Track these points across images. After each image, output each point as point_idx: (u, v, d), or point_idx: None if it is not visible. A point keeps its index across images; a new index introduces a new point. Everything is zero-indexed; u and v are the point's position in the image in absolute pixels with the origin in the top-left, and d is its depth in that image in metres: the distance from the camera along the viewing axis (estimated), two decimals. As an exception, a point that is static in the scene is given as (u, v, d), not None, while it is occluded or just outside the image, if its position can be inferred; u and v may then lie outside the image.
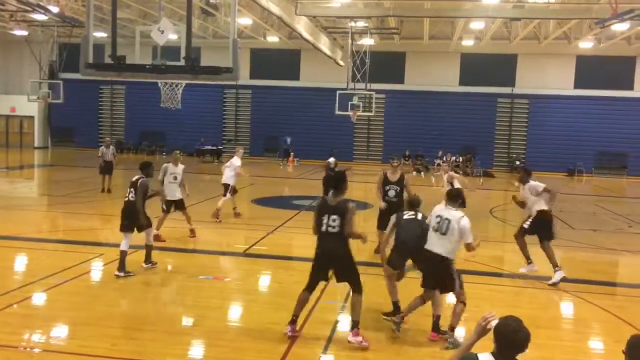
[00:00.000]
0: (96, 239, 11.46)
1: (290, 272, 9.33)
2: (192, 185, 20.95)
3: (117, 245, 10.38)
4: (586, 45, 28.04)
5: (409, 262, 7.22)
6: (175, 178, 11.41)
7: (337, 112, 25.41)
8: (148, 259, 9.01)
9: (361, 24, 24.79)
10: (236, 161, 13.74)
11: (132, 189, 8.71)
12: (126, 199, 8.73)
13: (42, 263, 9.30)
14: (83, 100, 34.20)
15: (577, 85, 31.05)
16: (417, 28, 28.56)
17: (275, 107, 33.25)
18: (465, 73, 31.82)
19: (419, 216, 7.21)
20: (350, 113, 25.49)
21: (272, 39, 29.95)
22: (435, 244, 6.61)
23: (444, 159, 27.93)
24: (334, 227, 6.27)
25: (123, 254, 8.45)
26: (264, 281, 9.14)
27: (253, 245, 11.14)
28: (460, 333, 6.57)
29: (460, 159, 28.83)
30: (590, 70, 30.57)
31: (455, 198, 6.78)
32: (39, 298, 7.60)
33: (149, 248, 9.02)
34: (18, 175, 21.55)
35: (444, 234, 6.56)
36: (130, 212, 8.59)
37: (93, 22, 7.14)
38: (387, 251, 7.27)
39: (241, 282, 8.69)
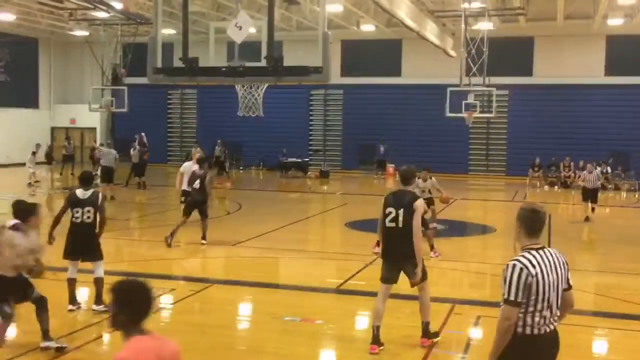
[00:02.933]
0: (168, 270, 11.88)
1: (395, 314, 9.21)
2: (273, 206, 21.54)
3: (191, 279, 10.74)
4: None
5: None
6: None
7: (449, 114, 25.08)
8: (100, 299, 8.63)
9: (477, 4, 24.40)
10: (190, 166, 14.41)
11: (88, 208, 8.49)
12: (78, 220, 8.48)
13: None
14: (150, 108, 35.91)
15: None
16: (549, 6, 27.67)
17: (372, 110, 33.30)
18: (613, 60, 30.46)
19: None
20: (464, 115, 25.08)
21: (368, 27, 30.10)
22: None
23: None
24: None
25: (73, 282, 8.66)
26: (363, 324, 9.05)
27: (349, 279, 11.12)
28: None
29: (609, 169, 27.50)
30: None
31: None
32: (103, 340, 7.93)
33: (101, 283, 8.65)
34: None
35: None
36: (87, 236, 8.57)
37: (161, 19, 7.47)
38: None
39: (335, 326, 8.66)
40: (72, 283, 8.71)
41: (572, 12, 28.59)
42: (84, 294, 9.34)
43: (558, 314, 4.43)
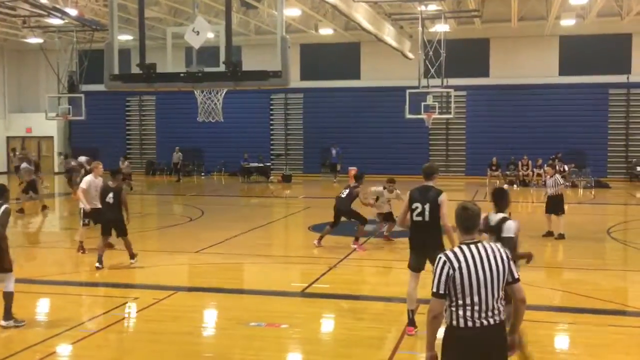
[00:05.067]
0: (130, 279, 11.73)
1: (358, 315, 9.24)
2: (236, 212, 21.45)
3: (154, 287, 10.61)
4: None
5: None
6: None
7: (408, 116, 25.28)
8: (9, 314, 8.39)
9: (433, 7, 24.67)
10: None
11: None
12: None
13: (67, 311, 9.56)
14: (108, 116, 35.45)
15: None
16: (503, 8, 28.15)
17: (333, 113, 33.40)
18: (567, 60, 31.08)
19: None
20: (424, 116, 25.30)
21: (326, 31, 30.21)
22: None
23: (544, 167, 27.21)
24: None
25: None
26: (328, 327, 9.07)
27: (313, 282, 11.12)
28: None
29: (565, 167, 28.05)
30: None
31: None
32: (64, 353, 7.79)
33: (10, 298, 8.38)
34: (36, 207, 22.36)
35: None
36: None
37: (118, 25, 7.38)
38: None
39: (300, 329, 8.66)
40: None
41: (526, 14, 29.12)
42: None
43: (500, 308, 4.52)
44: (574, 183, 27.86)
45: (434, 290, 4.51)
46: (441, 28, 26.17)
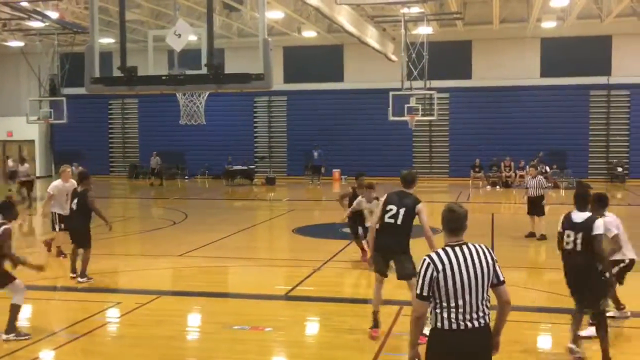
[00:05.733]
0: (112, 284, 11.65)
1: (342, 318, 9.24)
2: (220, 215, 21.37)
3: (137, 291, 10.54)
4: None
5: None
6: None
7: (392, 118, 25.34)
8: (11, 327, 8.08)
9: (416, 9, 24.74)
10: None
11: None
12: None
13: (49, 316, 9.48)
14: (90, 119, 35.21)
15: (691, 69, 30.16)
16: (485, 10, 28.34)
17: (316, 116, 33.42)
18: (548, 62, 31.31)
19: None
20: (407, 118, 25.37)
21: (309, 34, 30.22)
22: None
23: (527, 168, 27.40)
24: None
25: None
26: (312, 330, 9.06)
27: (297, 285, 11.10)
28: None
29: (547, 168, 28.25)
30: None
31: None
32: (46, 358, 7.72)
33: (15, 310, 8.12)
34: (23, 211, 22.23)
35: None
36: None
37: (98, 28, 7.33)
38: None
39: (284, 333, 8.65)
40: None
41: (508, 16, 29.32)
42: None
43: (485, 310, 4.51)
44: (555, 184, 28.06)
45: (418, 292, 4.51)
46: (424, 30, 26.26)
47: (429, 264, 4.49)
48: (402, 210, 7.89)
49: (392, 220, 7.91)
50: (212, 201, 26.01)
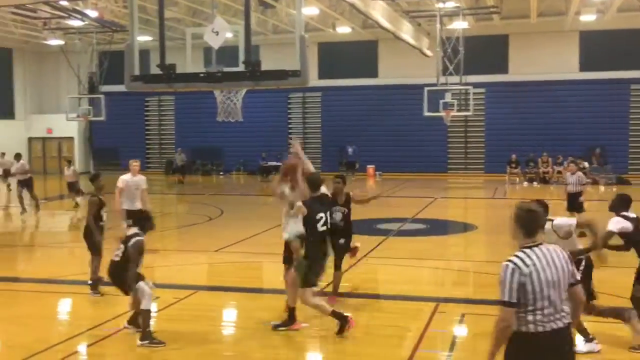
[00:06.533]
0: (150, 279, 11.77)
1: (376, 314, 9.22)
2: (255, 210, 21.46)
3: (174, 286, 10.66)
4: None
5: None
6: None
7: (426, 114, 25.20)
8: (145, 334, 7.98)
9: (451, 4, 24.56)
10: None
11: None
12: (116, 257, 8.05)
13: (87, 311, 9.64)
14: (127, 116, 35.70)
15: None
16: (522, 4, 27.94)
17: (350, 111, 33.38)
18: (587, 56, 30.80)
19: None
20: (442, 114, 25.21)
21: (343, 29, 30.17)
22: None
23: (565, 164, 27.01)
24: None
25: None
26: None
27: (332, 281, 11.10)
28: None
29: (586, 164, 27.78)
30: None
31: None
32: (84, 352, 7.86)
33: (145, 316, 8.05)
34: (58, 207, 22.60)
35: None
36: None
37: (137, 26, 7.42)
38: None
39: (320, 329, 8.65)
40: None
41: (545, 10, 28.89)
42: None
43: (565, 310, 4.40)
44: (595, 180, 27.61)
45: (506, 299, 4.30)
46: (459, 25, 26.04)
47: (514, 269, 4.30)
48: (328, 214, 8.32)
49: (325, 228, 8.14)
50: (247, 197, 26.18)
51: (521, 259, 4.34)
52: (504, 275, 4.32)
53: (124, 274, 7.87)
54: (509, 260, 4.36)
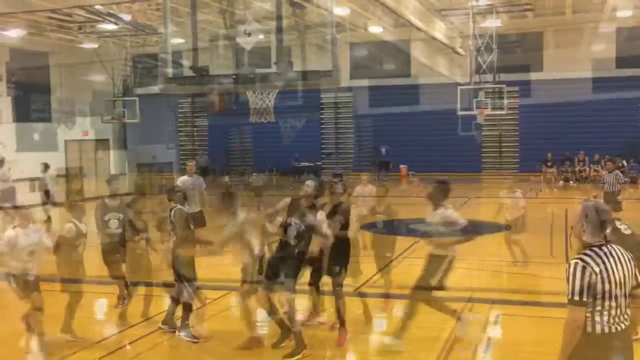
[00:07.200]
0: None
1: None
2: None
3: (208, 287, 10.73)
4: None
5: None
6: None
7: (460, 113, 25.03)
8: (183, 325, 8.38)
9: (484, 1, 24.35)
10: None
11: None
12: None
13: (130, 309, 9.74)
14: (161, 118, 36.08)
15: None
16: (557, 0, 27.58)
17: (382, 111, 33.27)
18: (624, 52, 30.24)
19: None
20: (476, 112, 25.02)
21: (375, 29, 30.08)
22: None
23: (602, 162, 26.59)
24: None
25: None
26: (379, 326, 9.06)
27: (367, 282, 11.09)
28: None
29: (624, 162, 27.32)
30: None
31: None
32: (119, 351, 7.97)
33: (186, 308, 8.50)
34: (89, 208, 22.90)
35: None
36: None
37: (170, 30, 7.51)
38: None
39: (353, 328, 8.65)
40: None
41: (581, 6, 28.45)
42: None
43: (628, 312, 4.30)
44: (633, 179, 27.12)
45: (576, 298, 4.18)
46: (492, 23, 25.82)
47: (584, 267, 4.20)
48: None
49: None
50: (280, 198, 26.16)
51: (591, 257, 4.25)
52: (573, 273, 4.21)
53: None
54: (579, 258, 4.25)
